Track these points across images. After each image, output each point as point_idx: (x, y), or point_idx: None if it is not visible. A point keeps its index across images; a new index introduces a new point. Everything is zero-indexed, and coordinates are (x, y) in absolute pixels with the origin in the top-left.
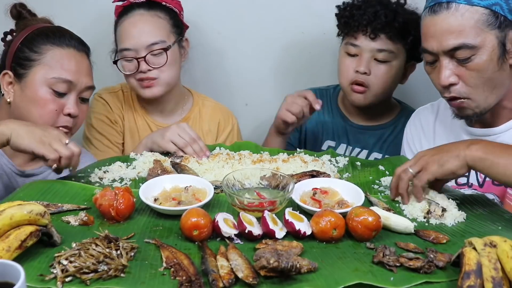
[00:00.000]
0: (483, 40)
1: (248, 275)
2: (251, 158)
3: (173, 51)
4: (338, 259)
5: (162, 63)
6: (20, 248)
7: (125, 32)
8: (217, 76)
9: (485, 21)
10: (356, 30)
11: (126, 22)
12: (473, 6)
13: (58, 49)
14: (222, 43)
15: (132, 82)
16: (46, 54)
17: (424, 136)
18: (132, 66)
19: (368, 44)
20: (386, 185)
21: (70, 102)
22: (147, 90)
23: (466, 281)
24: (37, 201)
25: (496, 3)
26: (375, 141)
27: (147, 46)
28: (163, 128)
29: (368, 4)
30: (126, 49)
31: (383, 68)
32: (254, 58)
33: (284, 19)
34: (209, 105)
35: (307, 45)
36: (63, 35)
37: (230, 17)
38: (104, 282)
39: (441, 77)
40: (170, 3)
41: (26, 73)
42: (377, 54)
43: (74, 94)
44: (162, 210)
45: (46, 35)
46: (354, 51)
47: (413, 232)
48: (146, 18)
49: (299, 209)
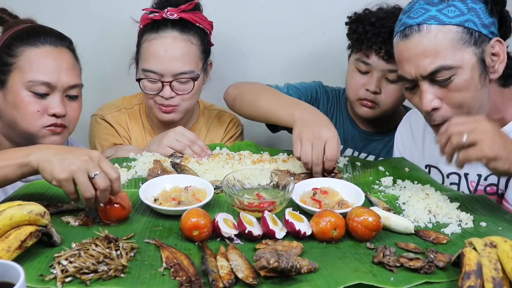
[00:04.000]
0: (461, 59)
1: (248, 276)
2: (251, 158)
3: (199, 79)
4: (338, 259)
5: (187, 90)
6: (20, 248)
7: (153, 53)
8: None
9: (460, 39)
10: (369, 49)
11: (155, 42)
12: (445, 26)
13: (32, 49)
14: (222, 43)
15: (151, 103)
16: (20, 57)
17: (413, 139)
18: (155, 87)
19: (380, 64)
20: (387, 185)
21: (54, 102)
22: (166, 115)
23: (466, 282)
24: (37, 201)
25: (468, 20)
26: (382, 147)
27: (174, 74)
28: (159, 135)
29: (383, 22)
30: (150, 71)
31: (394, 87)
32: (254, 58)
33: (284, 19)
34: (215, 113)
35: (307, 45)
36: (38, 34)
37: (230, 17)
38: (104, 283)
39: (424, 102)
40: (203, 24)
41: (6, 78)
42: (388, 74)
43: (58, 94)
44: (162, 210)
45: (21, 37)
46: (365, 68)
47: (413, 232)
48: (178, 43)
49: (299, 209)
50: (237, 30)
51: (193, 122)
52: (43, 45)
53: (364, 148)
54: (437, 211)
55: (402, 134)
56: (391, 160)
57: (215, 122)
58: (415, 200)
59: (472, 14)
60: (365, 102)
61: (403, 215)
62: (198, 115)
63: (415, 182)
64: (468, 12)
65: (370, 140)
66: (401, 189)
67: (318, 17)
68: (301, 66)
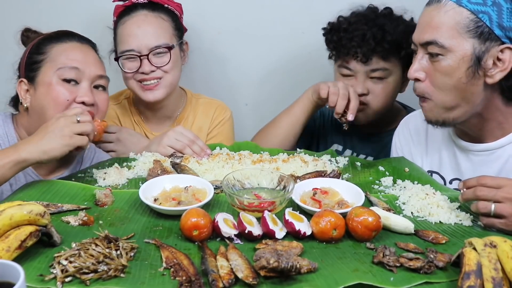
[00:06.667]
0: (456, 44)
1: (248, 275)
2: (251, 158)
3: (175, 52)
4: (338, 259)
5: (165, 62)
6: (20, 248)
7: (128, 33)
8: (217, 76)
9: (466, 25)
10: (346, 55)
11: (128, 22)
12: (459, 7)
13: (61, 45)
14: (222, 43)
15: (133, 84)
16: (50, 52)
17: (414, 144)
18: (134, 65)
19: (361, 67)
20: (387, 185)
21: (82, 90)
22: (149, 92)
23: (466, 282)
24: (37, 201)
25: (485, 12)
26: (381, 148)
27: (150, 48)
28: (159, 135)
29: (355, 26)
30: (127, 50)
31: (380, 86)
32: (254, 58)
33: (284, 19)
34: (203, 102)
35: (307, 45)
36: (65, 34)
37: (230, 17)
38: (104, 282)
39: (410, 69)
40: (171, 5)
41: (36, 74)
42: (371, 74)
43: (86, 82)
44: (162, 210)
45: (49, 37)
46: (348, 72)
47: (413, 232)
48: (150, 19)
49: (299, 209)
50: (237, 30)
51: (181, 110)
52: (70, 41)
53: (363, 149)
54: (437, 211)
55: (401, 140)
56: (391, 160)
57: (202, 109)
58: (415, 200)
59: (493, 9)
60: None
61: (403, 215)
62: (186, 103)
63: (415, 182)
64: (492, 5)
65: (368, 141)
66: (401, 189)
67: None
68: (301, 66)
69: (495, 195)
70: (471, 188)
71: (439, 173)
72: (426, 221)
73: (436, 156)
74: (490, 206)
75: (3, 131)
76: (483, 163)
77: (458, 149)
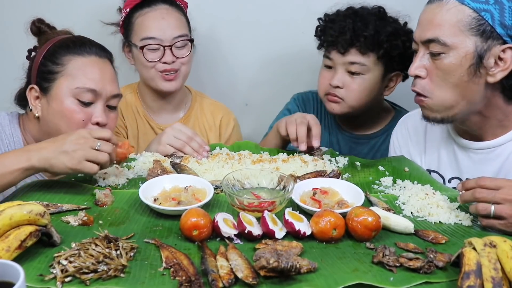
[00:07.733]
0: (458, 42)
1: (248, 275)
2: (251, 158)
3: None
4: (338, 259)
5: (185, 54)
6: (19, 248)
7: (152, 23)
8: (217, 76)
9: (468, 23)
10: (329, 45)
11: (151, 14)
12: (462, 5)
13: (79, 58)
14: (222, 43)
15: (153, 74)
16: (68, 65)
17: (412, 144)
18: (156, 55)
19: (339, 58)
20: (386, 185)
21: (97, 111)
22: (168, 83)
23: (466, 281)
24: (37, 201)
25: (487, 10)
26: (368, 151)
27: (173, 38)
28: (158, 135)
29: (342, 18)
30: (151, 38)
31: (356, 81)
32: (254, 58)
33: (284, 19)
34: (209, 102)
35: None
36: (84, 44)
37: (230, 17)
38: (104, 282)
39: (411, 67)
40: (181, 2)
41: (51, 86)
42: (349, 67)
43: (101, 102)
44: (162, 210)
45: (67, 46)
46: (329, 63)
47: (412, 232)
48: (172, 13)
49: (299, 209)
50: (238, 30)
51: (189, 108)
52: (89, 54)
53: (350, 152)
54: (437, 211)
55: (399, 138)
56: (391, 159)
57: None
58: (415, 200)
59: (496, 7)
60: (330, 97)
61: (403, 215)
62: (192, 99)
63: (415, 182)
64: (494, 3)
65: (355, 143)
66: (401, 189)
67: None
68: (302, 66)
69: (494, 197)
70: (470, 189)
71: (438, 172)
72: (426, 221)
73: (434, 155)
74: (490, 208)
75: (10, 132)
76: (482, 161)
77: (458, 147)
